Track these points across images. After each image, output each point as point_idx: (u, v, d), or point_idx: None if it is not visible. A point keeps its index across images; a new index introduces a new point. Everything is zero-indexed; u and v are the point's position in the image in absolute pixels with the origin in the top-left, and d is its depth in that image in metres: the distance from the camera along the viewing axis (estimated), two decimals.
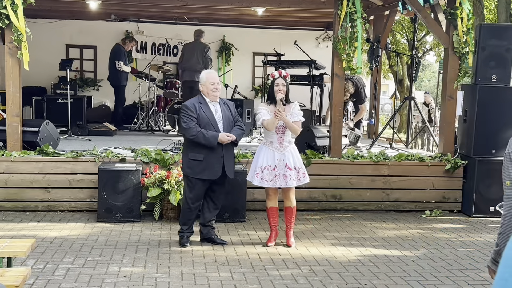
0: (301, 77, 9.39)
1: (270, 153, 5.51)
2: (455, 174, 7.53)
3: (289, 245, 5.64)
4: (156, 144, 8.00)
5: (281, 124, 5.46)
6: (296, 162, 5.52)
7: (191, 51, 10.41)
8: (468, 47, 7.43)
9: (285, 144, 5.52)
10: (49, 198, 6.82)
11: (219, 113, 5.47)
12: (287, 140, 5.54)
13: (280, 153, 5.49)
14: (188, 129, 5.33)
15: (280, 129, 5.48)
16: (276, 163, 5.47)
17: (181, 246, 5.51)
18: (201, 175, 5.39)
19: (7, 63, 6.86)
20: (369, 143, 9.09)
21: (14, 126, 6.95)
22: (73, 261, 4.98)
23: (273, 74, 5.58)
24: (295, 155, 5.54)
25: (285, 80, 5.52)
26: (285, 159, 5.47)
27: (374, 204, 7.43)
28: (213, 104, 5.47)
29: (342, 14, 7.15)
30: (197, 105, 5.41)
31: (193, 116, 5.34)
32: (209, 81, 5.43)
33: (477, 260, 5.44)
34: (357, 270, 4.99)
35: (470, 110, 7.45)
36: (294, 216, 5.70)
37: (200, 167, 5.37)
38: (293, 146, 5.62)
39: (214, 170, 5.38)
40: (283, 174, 5.46)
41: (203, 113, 5.38)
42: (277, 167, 5.47)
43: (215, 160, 5.37)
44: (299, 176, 5.53)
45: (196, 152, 5.38)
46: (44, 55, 11.86)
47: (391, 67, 17.63)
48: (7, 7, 6.55)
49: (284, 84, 5.50)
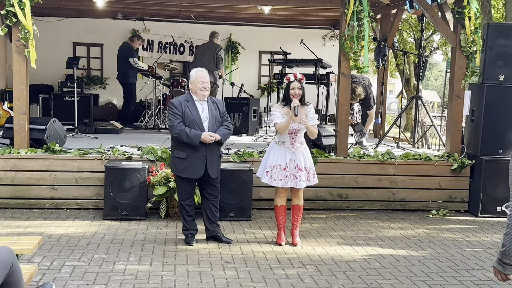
0: (308, 76, 9.34)
1: (281, 153, 5.53)
2: (462, 174, 7.49)
3: (294, 244, 5.64)
4: (162, 142, 8.01)
5: (293, 128, 5.47)
6: (307, 163, 5.55)
7: (204, 51, 10.59)
8: (475, 46, 7.39)
9: (297, 145, 5.53)
10: (55, 195, 6.85)
11: (205, 111, 5.45)
12: (299, 141, 5.55)
13: (291, 154, 5.51)
14: (172, 127, 5.35)
15: (293, 131, 5.49)
16: (288, 163, 5.48)
17: (186, 245, 5.52)
18: (183, 173, 5.41)
19: (14, 61, 6.88)
20: (376, 142, 9.07)
21: (21, 124, 6.97)
22: (79, 259, 5.00)
23: (288, 77, 5.53)
24: (306, 156, 5.56)
25: (300, 83, 5.49)
26: (296, 160, 5.49)
27: (380, 204, 7.41)
28: (201, 103, 5.46)
29: (349, 12, 7.12)
30: (184, 103, 5.40)
31: (178, 114, 5.34)
32: (198, 80, 5.40)
33: (484, 260, 5.42)
34: (363, 270, 4.98)
35: (477, 110, 7.42)
36: (301, 215, 5.72)
37: (183, 165, 5.39)
38: (305, 147, 5.62)
39: (195, 169, 5.38)
40: (293, 175, 5.48)
41: (189, 111, 5.37)
42: (288, 167, 5.48)
43: (198, 159, 5.37)
44: (309, 177, 5.56)
45: (180, 150, 5.40)
46: (51, 53, 11.91)
47: (398, 66, 17.56)
48: (15, 5, 6.57)
49: (300, 87, 5.47)
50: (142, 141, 8.50)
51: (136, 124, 10.96)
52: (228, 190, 6.48)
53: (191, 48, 13.26)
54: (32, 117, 7.47)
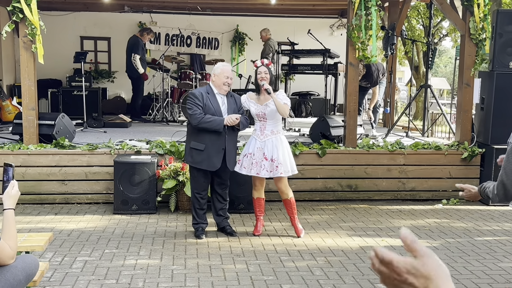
0: (315, 66, 9.33)
1: (252, 141, 5.53)
2: (472, 163, 7.44)
3: (298, 235, 5.63)
4: (171, 136, 8.02)
5: (260, 111, 5.44)
6: (274, 153, 5.39)
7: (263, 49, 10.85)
8: (485, 33, 7.30)
9: (266, 133, 5.46)
10: (66, 190, 6.89)
11: (225, 105, 5.47)
12: (269, 129, 5.46)
13: (260, 142, 5.46)
14: (192, 115, 5.33)
15: (261, 116, 5.46)
16: (255, 151, 5.45)
17: (196, 238, 5.54)
18: (200, 164, 5.40)
19: (22, 57, 6.90)
20: (385, 131, 9.02)
21: (30, 120, 7.01)
22: (90, 254, 5.03)
23: (256, 63, 5.59)
24: (275, 146, 5.41)
25: (267, 68, 5.48)
26: (264, 148, 5.42)
27: (390, 194, 7.39)
28: (221, 96, 5.48)
29: (356, 2, 7.06)
30: (205, 95, 5.42)
31: (199, 104, 5.35)
32: (224, 74, 5.42)
33: (495, 249, 5.38)
34: None
35: (487, 97, 7.35)
36: (294, 207, 5.62)
37: (200, 156, 5.37)
38: (278, 137, 5.46)
39: (213, 161, 5.37)
40: (258, 163, 5.43)
41: (210, 103, 5.38)
42: (255, 155, 5.45)
43: (216, 151, 5.36)
44: (273, 167, 5.39)
45: (198, 141, 5.38)
46: (59, 47, 11.94)
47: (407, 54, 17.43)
48: (21, 1, 6.57)
49: (267, 71, 5.46)
50: (150, 135, 8.52)
51: (144, 117, 10.98)
52: (237, 182, 6.47)
53: (198, 40, 13.24)
54: (40, 113, 7.50)
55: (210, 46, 13.33)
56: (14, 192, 2.53)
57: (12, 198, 2.51)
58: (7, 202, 2.50)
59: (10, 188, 2.52)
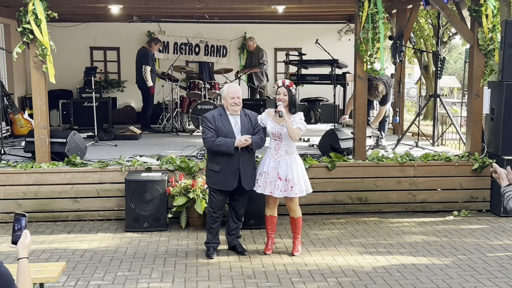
0: (324, 76, 9.34)
1: (267, 160, 5.58)
2: (483, 174, 7.41)
3: (293, 253, 5.70)
4: (181, 149, 8.07)
5: (276, 130, 5.47)
6: (288, 173, 5.43)
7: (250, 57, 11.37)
8: (493, 44, 7.26)
9: (280, 153, 5.49)
10: (78, 208, 6.96)
11: (238, 125, 5.50)
12: (283, 149, 5.49)
13: (274, 161, 5.50)
14: (205, 139, 5.44)
15: (276, 135, 5.50)
16: (270, 170, 5.50)
17: (207, 258, 5.58)
18: (217, 185, 5.49)
19: (33, 77, 6.98)
20: (395, 140, 9.00)
21: (42, 139, 7.08)
22: (103, 277, 5.08)
23: (277, 83, 5.63)
24: (290, 166, 5.45)
25: (287, 89, 5.50)
26: (278, 168, 5.46)
27: (400, 206, 7.39)
28: (234, 117, 5.51)
29: (363, 15, 7.05)
30: (217, 117, 5.47)
31: (211, 127, 5.40)
32: (229, 95, 5.46)
33: (506, 267, 5.37)
34: (384, 282, 4.97)
35: (497, 108, 7.31)
36: (299, 227, 5.71)
37: (217, 177, 5.46)
38: (292, 158, 5.50)
39: (229, 181, 5.44)
40: (272, 182, 5.47)
41: (222, 125, 5.43)
42: (269, 174, 5.49)
43: (231, 173, 5.42)
44: (287, 188, 5.44)
45: (214, 162, 5.48)
46: (69, 58, 12.05)
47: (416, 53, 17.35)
48: (31, 22, 6.65)
49: (286, 93, 5.49)
50: (161, 147, 8.58)
51: (154, 127, 11.04)
52: (247, 198, 6.49)
53: (207, 48, 13.28)
54: (52, 130, 7.58)
55: (219, 53, 13.36)
56: (28, 241, 2.58)
57: (26, 248, 2.57)
58: (22, 252, 2.56)
59: (23, 237, 2.58)
